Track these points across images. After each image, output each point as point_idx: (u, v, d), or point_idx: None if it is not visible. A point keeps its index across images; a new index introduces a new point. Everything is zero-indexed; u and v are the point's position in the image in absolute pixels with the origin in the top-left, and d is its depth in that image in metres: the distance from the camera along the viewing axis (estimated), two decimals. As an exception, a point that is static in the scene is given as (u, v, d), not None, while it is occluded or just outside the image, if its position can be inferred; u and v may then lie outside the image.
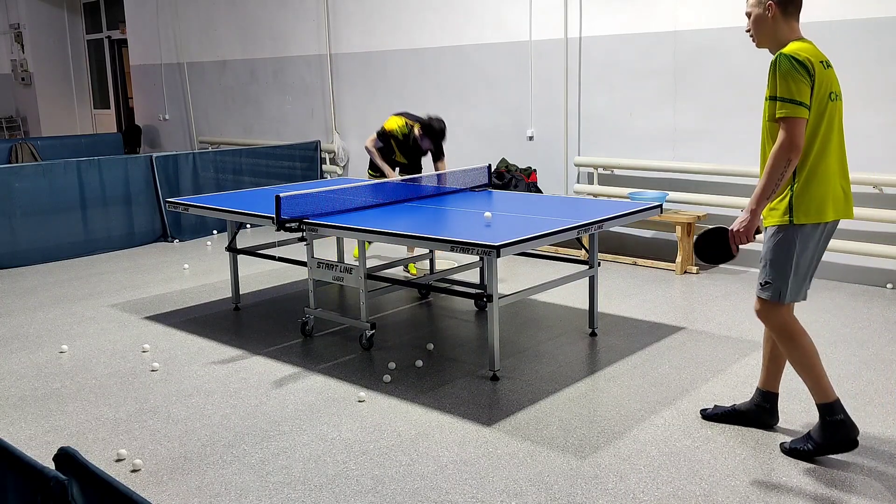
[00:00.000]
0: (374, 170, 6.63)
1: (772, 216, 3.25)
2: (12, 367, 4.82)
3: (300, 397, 4.21)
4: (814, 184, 3.17)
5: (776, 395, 3.66)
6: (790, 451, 3.41)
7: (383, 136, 6.42)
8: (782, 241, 3.23)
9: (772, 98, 3.12)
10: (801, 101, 3.06)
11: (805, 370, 3.32)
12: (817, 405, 3.32)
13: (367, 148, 6.52)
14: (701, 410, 3.84)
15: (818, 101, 3.13)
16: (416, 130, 6.33)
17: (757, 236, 3.27)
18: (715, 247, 3.33)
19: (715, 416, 3.77)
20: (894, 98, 5.88)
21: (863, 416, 3.77)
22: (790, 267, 3.23)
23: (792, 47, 3.17)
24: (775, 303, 3.29)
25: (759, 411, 3.66)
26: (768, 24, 3.28)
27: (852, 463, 3.35)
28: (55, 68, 14.67)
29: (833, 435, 3.28)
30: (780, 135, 3.08)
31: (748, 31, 3.39)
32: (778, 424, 3.69)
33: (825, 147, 3.17)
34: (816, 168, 3.16)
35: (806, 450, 3.36)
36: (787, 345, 3.33)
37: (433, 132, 6.26)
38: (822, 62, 3.18)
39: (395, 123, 6.41)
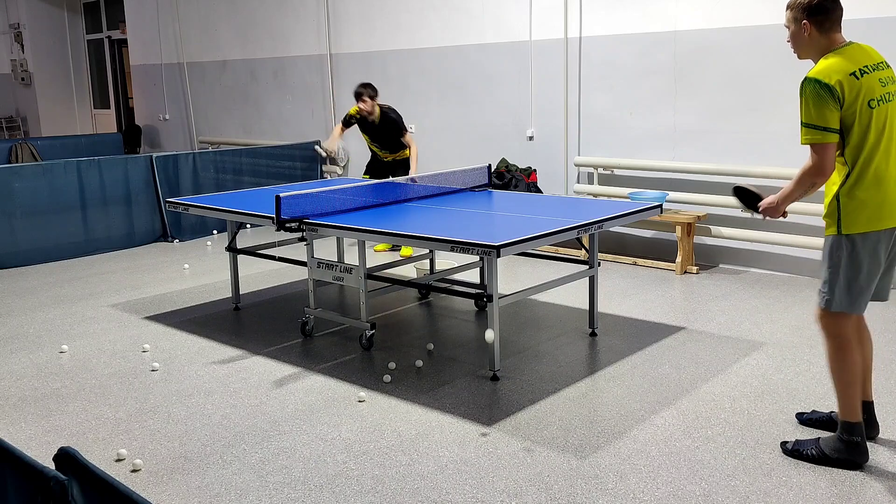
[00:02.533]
0: (369, 172, 7.17)
1: (826, 225, 3.25)
2: (12, 367, 4.82)
3: (300, 397, 4.22)
4: (862, 193, 3.12)
5: (870, 404, 3.52)
6: (792, 451, 3.40)
7: (347, 121, 7.11)
8: (832, 250, 3.23)
9: (802, 124, 3.12)
10: (825, 127, 3.06)
11: (842, 385, 3.30)
12: (840, 421, 3.32)
13: (332, 132, 7.32)
14: (797, 414, 3.76)
15: (854, 114, 3.08)
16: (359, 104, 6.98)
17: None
18: (748, 198, 3.56)
19: (810, 421, 3.68)
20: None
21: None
22: (838, 277, 3.21)
23: (821, 66, 3.12)
24: (826, 310, 3.29)
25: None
26: (805, 41, 3.25)
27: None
28: (55, 68, 14.67)
29: (848, 454, 3.28)
30: (809, 159, 3.13)
31: (788, 41, 3.36)
32: (879, 435, 3.54)
33: (873, 155, 3.11)
34: (864, 177, 3.12)
35: (810, 455, 3.35)
36: (833, 354, 3.31)
37: (355, 94, 6.97)
38: (855, 72, 3.09)
39: (352, 109, 7.06)
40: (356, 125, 7.15)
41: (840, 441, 3.30)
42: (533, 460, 3.45)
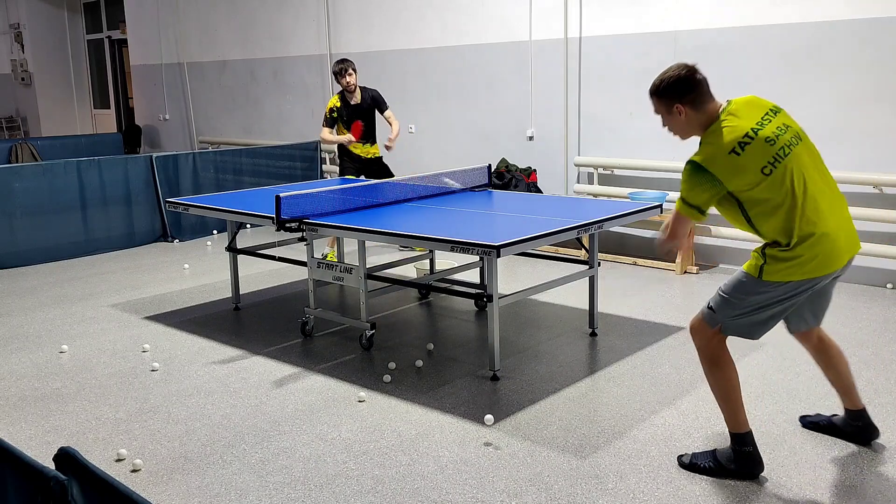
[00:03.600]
0: (348, 173, 6.95)
1: (748, 261, 3.12)
2: (12, 367, 4.82)
3: (300, 397, 4.21)
4: (795, 251, 2.96)
5: (862, 411, 3.46)
6: (689, 465, 3.31)
7: (329, 119, 6.82)
8: (748, 286, 3.08)
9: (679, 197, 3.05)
10: (694, 204, 3.00)
11: (723, 399, 3.22)
12: (730, 433, 3.25)
13: (322, 139, 6.96)
14: (801, 417, 3.71)
15: (758, 179, 2.92)
16: (341, 83, 6.75)
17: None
18: None
19: (813, 424, 3.62)
20: (894, 98, 5.88)
21: (863, 416, 3.77)
22: (742, 312, 3.10)
23: (705, 150, 2.97)
24: (711, 328, 3.18)
25: (855, 431, 3.48)
26: (683, 124, 3.11)
27: (853, 463, 3.35)
28: (55, 68, 14.67)
29: (741, 465, 3.22)
30: (670, 219, 3.11)
31: (665, 126, 3.23)
32: (881, 436, 3.51)
33: (796, 207, 2.93)
34: (794, 233, 2.94)
35: (706, 467, 3.27)
36: (710, 370, 3.22)
37: (334, 73, 6.78)
38: (734, 149, 2.91)
39: (330, 102, 6.84)
40: (335, 120, 6.82)
41: (736, 454, 3.22)
42: (533, 460, 3.45)
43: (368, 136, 6.96)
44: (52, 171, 7.79)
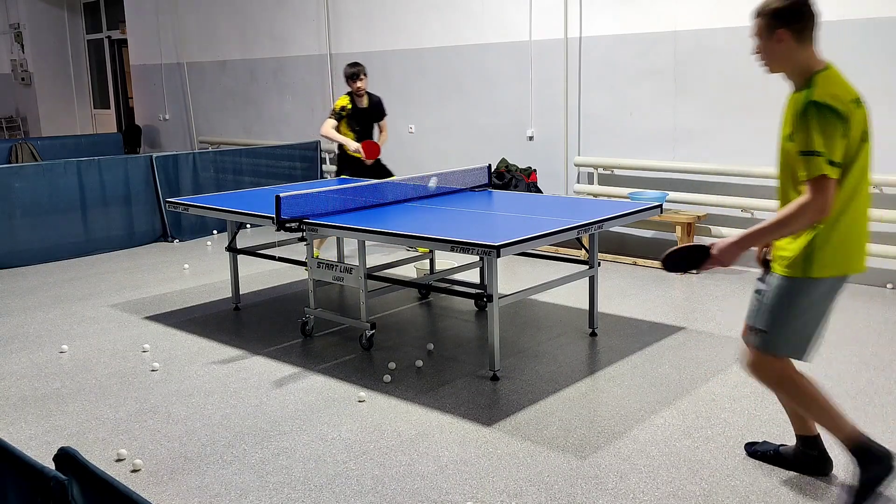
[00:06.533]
0: (345, 171, 6.93)
1: (781, 264, 2.89)
2: (12, 367, 4.82)
3: (300, 397, 4.21)
4: (839, 235, 2.81)
5: (817, 438, 3.23)
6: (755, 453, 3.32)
7: (337, 115, 6.77)
8: (791, 291, 2.87)
9: (803, 153, 2.71)
10: (836, 162, 2.70)
11: (818, 416, 3.01)
12: (844, 445, 3.01)
13: (323, 136, 6.84)
14: (746, 445, 3.46)
15: (850, 147, 2.78)
16: (352, 87, 6.74)
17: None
18: (687, 260, 3.10)
19: (759, 454, 3.38)
20: (895, 98, 5.88)
21: (863, 416, 3.77)
22: (792, 320, 2.89)
23: (824, 89, 2.74)
24: (769, 355, 2.96)
25: (807, 461, 3.25)
26: (780, 52, 2.85)
27: (853, 463, 3.35)
28: (55, 68, 14.67)
29: (870, 468, 2.99)
30: (809, 194, 2.70)
31: (756, 53, 2.93)
32: (835, 469, 3.26)
33: (854, 196, 2.83)
34: (842, 219, 2.80)
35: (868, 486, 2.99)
36: (794, 398, 3.00)
37: (346, 75, 6.75)
38: (854, 101, 2.81)
39: (341, 101, 6.81)
40: (342, 117, 6.75)
41: (858, 462, 3.00)
42: (533, 460, 3.45)
43: (365, 138, 6.92)
44: (52, 171, 7.79)
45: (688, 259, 3.09)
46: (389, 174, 6.94)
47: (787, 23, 2.80)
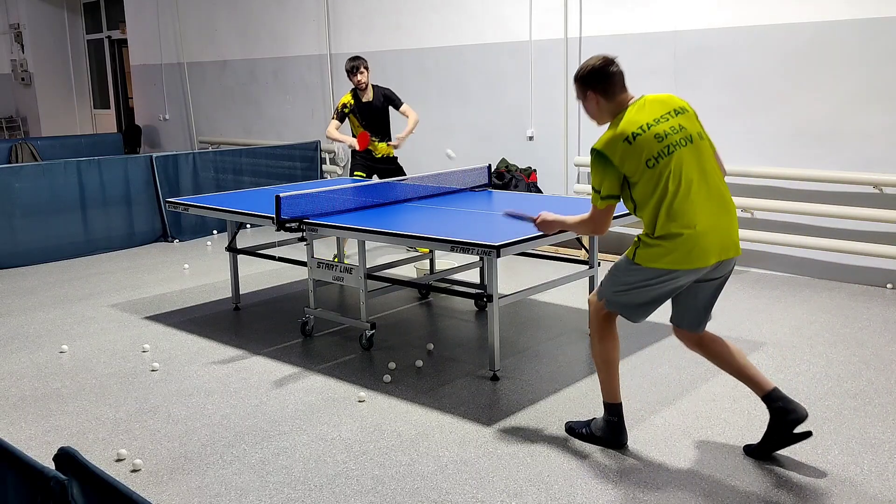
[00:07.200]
0: (357, 168, 6.90)
1: (630, 246, 3.39)
2: (12, 367, 4.82)
3: (300, 397, 4.22)
4: (660, 240, 3.21)
5: (775, 390, 3.39)
6: (568, 428, 3.68)
7: (340, 114, 6.77)
8: (624, 267, 3.39)
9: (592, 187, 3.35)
10: (604, 193, 3.27)
11: (603, 370, 3.54)
12: (604, 403, 3.56)
13: (327, 137, 6.83)
14: (745, 447, 3.50)
15: (636, 175, 3.19)
16: (353, 81, 6.73)
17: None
18: (520, 219, 3.76)
19: (754, 451, 3.44)
20: (894, 98, 5.88)
21: (863, 416, 3.77)
22: (619, 289, 3.40)
23: (605, 136, 3.25)
24: (599, 301, 3.51)
25: (779, 413, 3.36)
26: (596, 110, 3.39)
27: (853, 462, 3.35)
28: (55, 68, 14.66)
29: (609, 433, 3.54)
30: (589, 213, 3.40)
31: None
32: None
33: (661, 207, 3.18)
34: (657, 229, 3.21)
35: (582, 433, 3.61)
36: (597, 340, 3.54)
37: (346, 70, 6.71)
38: (627, 138, 3.18)
39: (344, 98, 6.79)
40: (345, 115, 6.76)
41: (607, 423, 3.55)
42: (533, 460, 3.45)
43: (383, 135, 6.90)
44: (52, 171, 7.78)
45: (522, 219, 3.76)
46: (402, 174, 6.89)
47: (593, 85, 3.38)
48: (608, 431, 3.55)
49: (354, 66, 6.69)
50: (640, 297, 3.38)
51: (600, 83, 3.35)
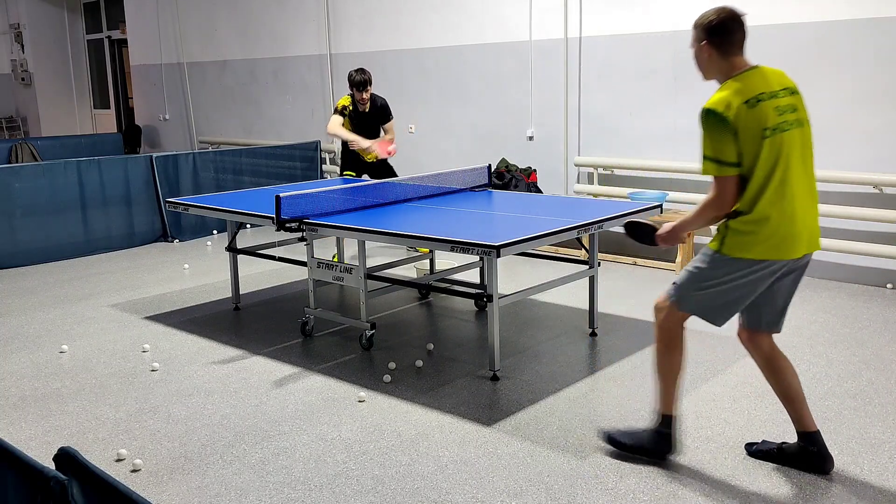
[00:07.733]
0: (347, 167, 6.85)
1: (712, 238, 3.20)
2: (12, 367, 4.82)
3: (300, 397, 4.21)
4: (755, 224, 3.02)
5: (816, 433, 3.27)
6: (609, 439, 3.50)
7: (339, 111, 6.66)
8: (708, 261, 3.16)
9: (702, 156, 3.08)
10: (724, 160, 3.01)
11: (663, 379, 3.34)
12: (659, 413, 3.38)
13: (329, 133, 6.73)
14: (746, 445, 3.49)
15: (747, 144, 2.98)
16: (356, 95, 6.60)
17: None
18: (642, 233, 3.53)
19: (761, 453, 3.41)
20: (894, 98, 5.88)
21: (863, 416, 3.77)
22: (702, 286, 3.18)
23: (717, 97, 3.07)
24: (672, 304, 3.30)
25: (808, 457, 3.28)
26: (705, 63, 3.24)
27: (853, 462, 3.35)
28: (55, 68, 14.66)
29: (657, 444, 3.38)
30: (711, 190, 3.08)
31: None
32: (835, 469, 3.28)
33: (763, 189, 3.00)
34: (758, 208, 3.01)
35: (624, 443, 3.45)
36: (663, 350, 3.34)
37: (352, 82, 6.51)
38: (750, 100, 2.99)
39: (343, 100, 6.68)
40: (344, 116, 6.71)
41: (656, 433, 3.38)
42: (533, 460, 3.45)
43: (368, 137, 6.85)
44: (52, 171, 7.78)
45: (644, 232, 3.52)
46: (393, 174, 6.92)
47: (710, 36, 3.16)
48: (657, 442, 3.37)
49: (363, 80, 6.51)
50: (727, 295, 3.14)
51: (718, 36, 3.14)
